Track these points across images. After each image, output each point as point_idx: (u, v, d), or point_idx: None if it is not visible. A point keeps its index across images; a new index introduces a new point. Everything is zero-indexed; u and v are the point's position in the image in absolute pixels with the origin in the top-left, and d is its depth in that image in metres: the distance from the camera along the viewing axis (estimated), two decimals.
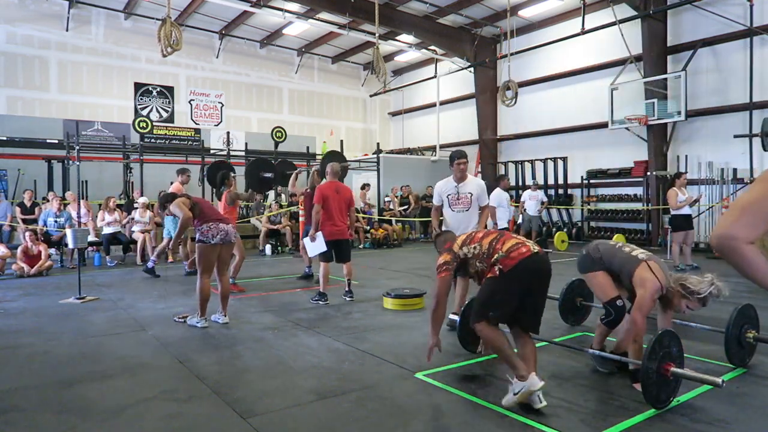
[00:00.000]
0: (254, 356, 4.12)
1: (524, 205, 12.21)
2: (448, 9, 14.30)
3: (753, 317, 3.82)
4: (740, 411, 3.02)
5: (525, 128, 15.56)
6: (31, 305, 6.07)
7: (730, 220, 1.32)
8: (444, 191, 5.08)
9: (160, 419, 2.96)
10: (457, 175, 4.99)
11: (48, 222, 9.35)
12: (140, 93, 15.71)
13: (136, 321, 5.32)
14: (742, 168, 10.82)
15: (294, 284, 7.57)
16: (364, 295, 6.54)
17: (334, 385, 3.46)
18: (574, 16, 13.30)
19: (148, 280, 7.98)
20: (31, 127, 12.92)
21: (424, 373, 3.67)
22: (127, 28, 15.33)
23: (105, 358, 4.11)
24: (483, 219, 5.02)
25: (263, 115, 17.93)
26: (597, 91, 13.09)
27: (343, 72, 19.85)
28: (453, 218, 5.01)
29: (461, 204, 4.98)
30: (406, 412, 3.03)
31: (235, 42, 17.12)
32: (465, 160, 5.01)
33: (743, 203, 1.33)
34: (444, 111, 17.93)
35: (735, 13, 10.80)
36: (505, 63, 14.04)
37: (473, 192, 5.01)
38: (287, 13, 13.93)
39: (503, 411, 3.01)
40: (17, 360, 4.10)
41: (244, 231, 11.92)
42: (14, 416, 3.01)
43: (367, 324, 5.15)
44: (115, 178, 12.91)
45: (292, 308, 5.91)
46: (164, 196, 5.37)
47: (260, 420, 2.92)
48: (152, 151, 13.70)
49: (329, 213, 6.06)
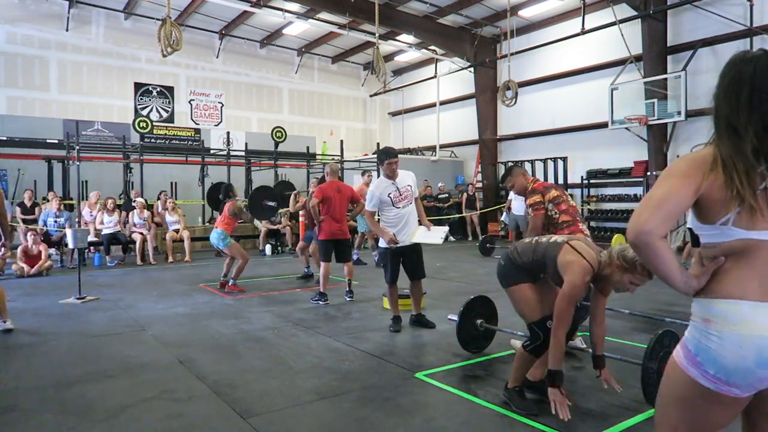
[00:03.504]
0: (254, 356, 4.12)
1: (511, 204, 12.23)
2: (448, 9, 14.29)
3: None
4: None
5: (525, 128, 15.55)
6: (31, 305, 6.07)
7: (645, 215, 1.35)
8: (384, 192, 4.86)
9: (160, 419, 2.96)
10: (389, 174, 4.88)
11: (48, 222, 9.35)
12: (140, 93, 15.70)
13: (136, 321, 5.32)
14: None
15: (294, 284, 7.57)
16: (364, 295, 6.54)
17: (334, 385, 3.46)
18: (574, 16, 13.29)
19: (148, 280, 7.97)
20: (31, 127, 12.91)
21: (424, 373, 3.67)
22: (127, 28, 15.32)
23: (105, 358, 4.11)
24: (420, 209, 5.03)
25: (263, 115, 17.92)
26: (597, 91, 13.09)
27: (343, 72, 19.84)
28: (398, 215, 4.88)
29: (405, 199, 4.90)
30: (406, 412, 3.03)
31: (235, 42, 17.12)
32: (397, 159, 4.89)
33: (656, 199, 1.36)
34: (444, 111, 17.92)
35: (735, 13, 10.80)
36: (505, 63, 14.03)
37: (411, 183, 4.99)
38: (287, 13, 13.92)
39: (503, 411, 3.01)
40: (17, 360, 4.10)
41: (244, 231, 11.93)
42: (14, 416, 3.01)
43: (367, 324, 5.15)
44: (115, 178, 12.91)
45: (292, 308, 5.91)
46: None
47: (260, 420, 2.92)
48: (152, 151, 13.69)
49: (330, 212, 6.06)
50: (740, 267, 1.34)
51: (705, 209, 1.37)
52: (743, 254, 1.34)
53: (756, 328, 1.29)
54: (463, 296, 4.82)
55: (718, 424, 1.43)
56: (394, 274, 4.94)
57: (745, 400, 1.38)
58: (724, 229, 1.35)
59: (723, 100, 1.38)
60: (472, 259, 10.39)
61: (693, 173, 1.36)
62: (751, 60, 1.35)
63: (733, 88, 1.36)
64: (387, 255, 4.92)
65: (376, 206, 4.93)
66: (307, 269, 7.91)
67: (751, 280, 1.32)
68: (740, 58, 1.38)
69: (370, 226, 5.18)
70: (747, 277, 1.33)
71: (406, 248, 4.88)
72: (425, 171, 16.10)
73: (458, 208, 14.71)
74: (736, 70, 1.37)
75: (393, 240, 4.76)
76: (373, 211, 5.04)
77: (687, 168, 1.39)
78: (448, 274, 8.28)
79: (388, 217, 4.92)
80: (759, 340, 1.29)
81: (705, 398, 1.39)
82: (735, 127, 1.34)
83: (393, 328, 4.88)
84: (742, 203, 1.30)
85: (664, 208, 1.35)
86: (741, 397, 1.36)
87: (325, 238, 6.09)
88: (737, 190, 1.29)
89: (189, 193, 13.98)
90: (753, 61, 1.35)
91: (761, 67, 1.33)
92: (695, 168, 1.37)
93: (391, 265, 4.91)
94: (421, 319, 5.03)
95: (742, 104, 1.33)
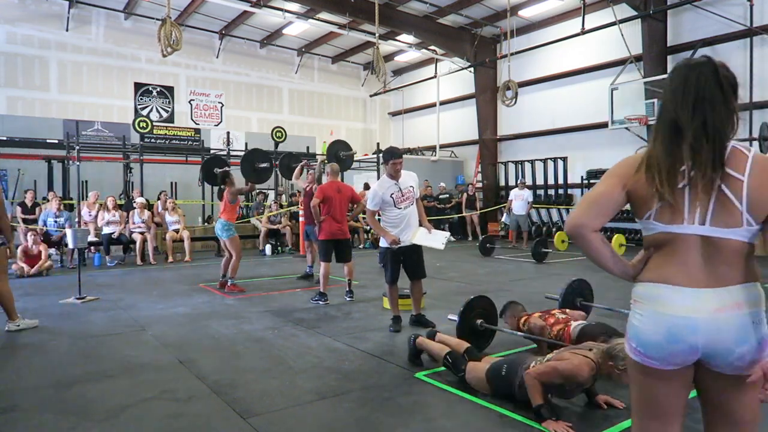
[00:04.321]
0: (254, 356, 4.12)
1: (511, 204, 12.25)
2: (448, 9, 14.29)
3: None
4: None
5: (525, 128, 15.55)
6: (31, 305, 6.07)
7: (580, 210, 1.54)
8: (386, 192, 4.82)
9: (160, 419, 2.96)
10: (393, 174, 4.86)
11: (48, 222, 9.35)
12: (140, 93, 15.70)
13: (136, 321, 5.32)
14: None
15: (294, 284, 7.57)
16: (365, 295, 6.54)
17: (334, 385, 3.46)
18: (574, 16, 13.29)
19: (148, 280, 7.98)
20: (31, 127, 12.92)
21: (424, 373, 3.67)
22: (127, 28, 15.32)
23: (105, 358, 4.11)
24: (420, 210, 5.01)
25: (263, 115, 17.92)
26: (597, 91, 13.09)
27: (343, 72, 19.84)
28: (399, 216, 4.86)
29: (407, 200, 4.89)
30: (406, 412, 3.03)
31: (235, 42, 17.12)
32: (401, 159, 4.87)
33: (593, 196, 1.56)
34: (444, 111, 17.92)
35: (735, 13, 10.80)
36: (505, 63, 14.03)
37: (413, 185, 4.97)
38: (287, 13, 13.92)
39: (503, 411, 3.01)
40: (17, 360, 4.10)
41: (244, 231, 11.93)
42: (14, 416, 3.01)
43: (367, 324, 5.15)
44: (115, 178, 12.91)
45: (292, 308, 5.91)
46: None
47: (260, 420, 2.92)
48: (152, 151, 13.70)
49: (331, 212, 6.06)
50: (663, 256, 1.51)
51: (634, 206, 1.54)
52: (665, 245, 1.50)
53: (669, 308, 1.46)
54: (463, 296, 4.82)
55: (668, 403, 1.55)
56: (395, 274, 4.94)
57: (678, 376, 1.51)
58: (648, 224, 1.51)
59: (671, 103, 1.48)
60: (472, 259, 10.39)
61: (623, 173, 1.53)
62: (695, 66, 1.47)
63: (680, 92, 1.46)
64: (387, 255, 4.92)
65: (378, 206, 4.91)
66: (309, 268, 7.90)
67: (671, 267, 1.48)
68: (685, 65, 1.50)
69: (371, 225, 5.17)
70: (668, 265, 1.49)
71: (407, 248, 4.88)
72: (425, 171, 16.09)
73: (458, 208, 14.71)
74: (682, 75, 1.48)
75: (395, 241, 4.77)
76: (375, 211, 5.02)
77: (620, 168, 1.55)
78: (448, 274, 8.28)
79: (390, 218, 4.91)
80: (670, 319, 1.45)
81: (642, 373, 1.55)
82: (679, 126, 1.45)
83: (393, 328, 4.88)
84: (661, 200, 1.45)
85: (595, 205, 1.54)
86: (666, 370, 1.50)
87: (325, 238, 6.09)
88: (657, 188, 1.44)
89: (189, 193, 13.99)
90: (697, 68, 1.46)
91: (704, 74, 1.44)
92: (626, 168, 1.53)
93: (392, 265, 4.91)
94: (421, 319, 5.03)
95: (686, 107, 1.44)
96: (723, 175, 1.40)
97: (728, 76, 1.45)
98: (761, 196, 1.39)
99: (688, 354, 1.46)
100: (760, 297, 1.45)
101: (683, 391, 1.55)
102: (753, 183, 1.39)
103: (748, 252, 1.45)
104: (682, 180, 1.44)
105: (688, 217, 1.44)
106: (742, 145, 1.46)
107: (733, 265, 1.43)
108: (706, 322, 1.42)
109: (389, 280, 4.96)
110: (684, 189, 1.44)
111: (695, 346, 1.43)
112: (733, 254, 1.43)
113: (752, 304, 1.43)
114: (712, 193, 1.41)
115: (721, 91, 1.43)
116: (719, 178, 1.40)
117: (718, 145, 1.41)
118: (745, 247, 1.44)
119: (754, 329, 1.41)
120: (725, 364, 1.44)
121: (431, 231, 4.89)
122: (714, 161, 1.39)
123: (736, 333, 1.41)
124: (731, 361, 1.42)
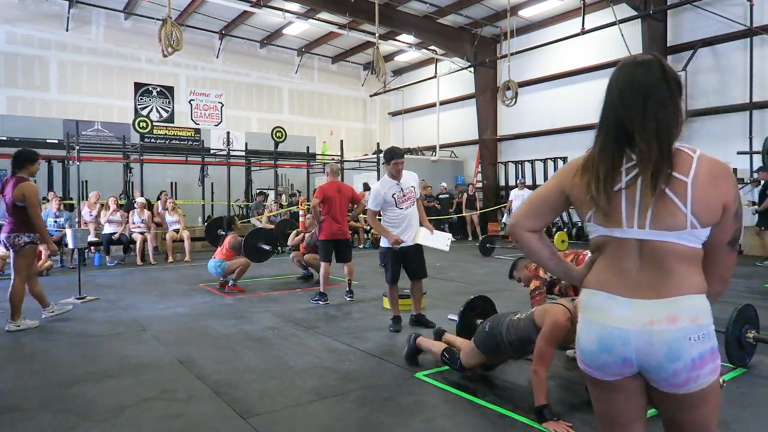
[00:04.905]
0: (254, 356, 4.12)
1: (511, 204, 12.26)
2: (448, 9, 14.29)
3: (753, 317, 3.82)
4: (740, 411, 3.02)
5: (525, 128, 15.55)
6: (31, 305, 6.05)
7: (518, 211, 1.56)
8: (388, 192, 4.82)
9: (160, 419, 2.96)
10: (394, 174, 4.86)
11: (48, 222, 9.34)
12: (140, 93, 15.70)
13: (136, 321, 5.32)
14: (741, 168, 10.81)
15: (294, 284, 7.57)
16: (365, 295, 6.54)
17: (334, 385, 3.46)
18: (574, 16, 13.29)
19: (148, 280, 7.98)
20: (31, 127, 12.92)
21: (424, 373, 3.67)
22: (127, 28, 15.32)
23: (105, 358, 4.11)
24: (421, 210, 5.01)
25: (263, 115, 17.93)
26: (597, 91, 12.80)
27: (343, 72, 19.85)
28: (401, 216, 4.87)
29: (408, 200, 4.89)
30: (406, 412, 3.03)
31: (235, 42, 17.12)
32: (403, 159, 4.88)
33: (532, 197, 1.57)
34: (444, 111, 17.92)
35: (735, 13, 10.80)
36: (505, 63, 14.03)
37: (414, 185, 4.97)
38: (287, 13, 13.92)
39: (503, 411, 3.01)
40: (17, 360, 4.10)
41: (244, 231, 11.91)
42: (14, 416, 3.01)
43: (367, 324, 5.15)
44: (115, 178, 12.91)
45: (292, 308, 5.91)
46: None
47: (260, 420, 2.92)
48: (152, 151, 13.68)
49: (331, 212, 6.06)
50: (604, 261, 1.46)
51: (576, 208, 1.50)
52: (604, 249, 1.45)
53: (603, 316, 1.41)
54: (463, 296, 4.83)
55: (621, 413, 1.48)
56: (395, 274, 4.93)
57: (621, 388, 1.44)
58: (589, 226, 1.47)
59: (618, 102, 1.43)
60: (472, 259, 10.39)
61: (563, 176, 1.52)
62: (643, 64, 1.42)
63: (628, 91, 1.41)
64: (388, 255, 4.92)
65: (379, 206, 4.90)
66: (307, 270, 7.90)
67: (610, 274, 1.43)
68: (632, 62, 1.44)
69: (372, 225, 5.16)
70: (607, 271, 1.44)
71: (408, 248, 4.88)
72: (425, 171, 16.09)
73: (458, 208, 14.71)
74: (629, 74, 1.43)
75: (398, 241, 4.77)
76: (376, 211, 5.02)
77: (561, 172, 1.55)
78: (448, 274, 8.28)
79: (390, 218, 4.90)
80: (603, 329, 1.40)
81: (590, 382, 1.51)
82: (625, 127, 1.40)
83: (393, 328, 4.88)
84: (596, 206, 1.40)
85: (532, 206, 1.54)
86: (608, 381, 1.44)
87: (325, 238, 6.09)
88: (592, 193, 1.40)
89: (189, 193, 13.99)
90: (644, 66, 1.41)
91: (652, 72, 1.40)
92: (566, 172, 1.52)
93: (392, 265, 4.90)
94: (421, 319, 5.03)
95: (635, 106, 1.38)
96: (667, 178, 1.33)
97: (674, 74, 1.41)
98: (705, 197, 1.32)
99: (621, 366, 1.39)
100: (702, 310, 1.35)
101: (634, 400, 1.46)
102: (698, 184, 1.32)
103: (692, 260, 1.37)
104: (619, 182, 1.39)
105: (626, 221, 1.38)
106: (687, 146, 1.40)
107: (674, 274, 1.35)
108: (638, 334, 1.35)
109: (389, 280, 4.96)
110: (620, 192, 1.38)
111: (628, 358, 1.37)
112: (675, 261, 1.35)
113: (691, 318, 1.33)
114: (653, 195, 1.34)
115: (668, 89, 1.38)
116: (664, 180, 1.33)
117: (666, 146, 1.35)
118: (689, 252, 1.36)
119: (690, 345, 1.32)
120: (661, 380, 1.36)
121: (433, 232, 4.89)
122: (661, 162, 1.33)
123: (667, 348, 1.32)
124: (665, 378, 1.35)
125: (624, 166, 1.40)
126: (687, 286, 1.35)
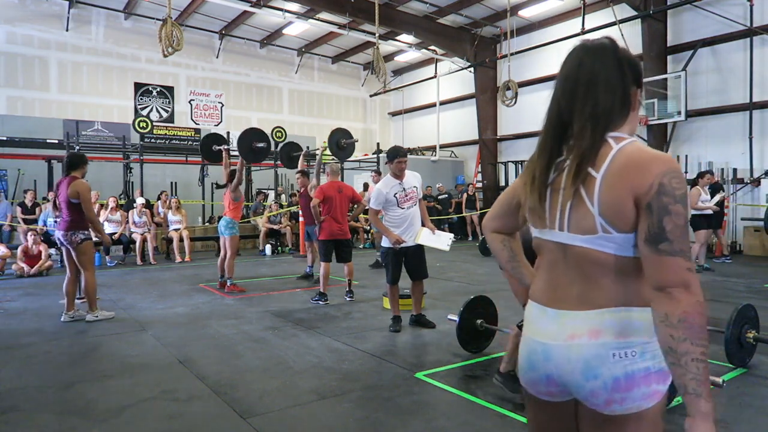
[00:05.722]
0: (254, 356, 4.12)
1: None
2: (448, 9, 14.29)
3: (753, 317, 3.83)
4: (740, 411, 3.02)
5: (525, 128, 15.54)
6: (32, 305, 6.07)
7: (489, 212, 1.54)
8: (390, 192, 4.83)
9: (160, 419, 2.96)
10: (397, 173, 4.87)
11: (48, 222, 9.35)
12: (140, 93, 15.70)
13: (136, 321, 5.33)
14: (742, 168, 10.82)
15: (294, 284, 7.57)
16: (364, 295, 6.54)
17: (334, 385, 3.46)
18: (574, 16, 13.30)
19: (148, 280, 7.97)
20: (31, 127, 12.92)
21: (424, 373, 3.67)
22: (127, 28, 15.32)
23: (105, 358, 4.12)
24: (423, 211, 5.01)
25: (263, 115, 17.92)
26: None
27: (343, 72, 19.84)
28: (402, 216, 4.87)
29: (410, 200, 4.90)
30: (406, 412, 3.03)
31: (235, 42, 17.12)
32: (406, 158, 4.89)
33: (497, 199, 1.53)
34: (444, 111, 17.92)
35: (735, 13, 10.80)
36: (505, 63, 14.03)
37: (417, 185, 4.98)
38: (287, 13, 13.92)
39: (503, 411, 3.01)
40: (17, 360, 4.10)
41: (244, 231, 11.92)
42: (14, 416, 3.01)
43: (367, 324, 5.15)
44: (115, 178, 12.91)
45: (292, 308, 5.91)
46: None
47: (260, 420, 2.92)
48: (152, 151, 13.69)
49: (331, 212, 6.06)
50: (539, 269, 1.36)
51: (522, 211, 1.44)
52: (540, 254, 1.35)
53: (532, 330, 1.30)
54: (463, 296, 4.83)
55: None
56: (396, 274, 4.93)
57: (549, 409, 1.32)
58: (530, 228, 1.38)
59: (560, 91, 1.28)
60: (472, 259, 10.39)
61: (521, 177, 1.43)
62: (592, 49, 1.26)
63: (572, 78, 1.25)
64: (389, 255, 4.92)
65: (381, 205, 4.89)
66: (309, 268, 7.89)
67: (541, 282, 1.32)
68: (582, 47, 1.27)
69: (374, 224, 5.16)
70: (539, 280, 1.34)
71: (409, 248, 4.88)
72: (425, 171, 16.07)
73: (458, 208, 14.71)
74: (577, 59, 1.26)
75: (399, 241, 4.77)
76: (378, 210, 5.01)
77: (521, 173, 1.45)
78: (448, 274, 8.28)
79: (392, 218, 4.90)
80: (531, 343, 1.29)
81: (525, 398, 1.39)
82: (563, 118, 1.26)
83: (393, 328, 4.88)
84: (529, 203, 1.31)
85: (495, 208, 1.51)
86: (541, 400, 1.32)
87: (325, 238, 6.09)
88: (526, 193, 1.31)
89: (189, 193, 13.99)
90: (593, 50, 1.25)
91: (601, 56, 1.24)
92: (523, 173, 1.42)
93: (393, 265, 4.90)
94: (421, 319, 5.03)
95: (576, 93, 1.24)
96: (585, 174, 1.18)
97: (629, 58, 1.25)
98: (613, 196, 1.14)
99: (546, 384, 1.26)
100: (636, 326, 1.16)
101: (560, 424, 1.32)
102: (606, 181, 1.14)
103: (618, 268, 1.18)
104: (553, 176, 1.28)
105: (549, 221, 1.27)
106: (622, 136, 1.21)
107: (599, 284, 1.19)
108: (559, 349, 1.21)
109: (390, 280, 4.96)
110: (547, 189, 1.27)
111: (551, 375, 1.24)
112: (596, 269, 1.19)
113: (616, 333, 1.16)
114: (573, 194, 1.19)
115: (620, 74, 1.22)
116: (582, 177, 1.18)
117: (599, 135, 1.19)
118: (609, 260, 1.17)
119: (613, 363, 1.15)
120: (583, 400, 1.21)
121: (435, 232, 4.90)
122: (590, 152, 1.18)
123: (585, 365, 1.17)
124: (585, 397, 1.19)
125: (557, 161, 1.27)
126: (616, 298, 1.18)
